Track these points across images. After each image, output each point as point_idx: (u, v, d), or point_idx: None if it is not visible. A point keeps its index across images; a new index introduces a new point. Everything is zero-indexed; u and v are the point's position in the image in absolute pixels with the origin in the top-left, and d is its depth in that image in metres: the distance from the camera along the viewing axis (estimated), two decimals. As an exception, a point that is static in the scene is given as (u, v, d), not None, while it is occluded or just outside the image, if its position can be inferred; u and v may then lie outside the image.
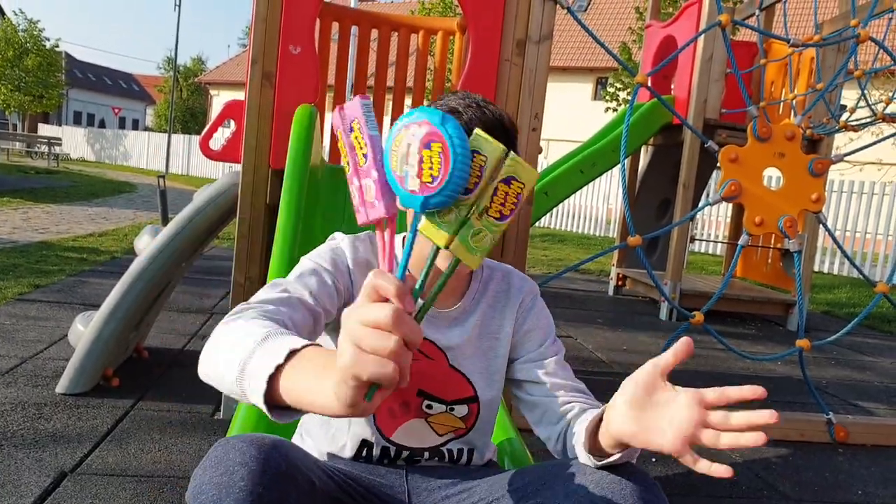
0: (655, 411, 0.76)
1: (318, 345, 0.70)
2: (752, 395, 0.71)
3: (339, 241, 1.07)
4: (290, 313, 0.87)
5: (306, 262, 1.01)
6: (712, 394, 0.73)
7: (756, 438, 0.69)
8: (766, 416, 0.69)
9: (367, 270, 1.04)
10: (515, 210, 0.62)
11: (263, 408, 0.67)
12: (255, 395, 0.67)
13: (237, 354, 0.71)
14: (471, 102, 0.97)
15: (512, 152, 0.64)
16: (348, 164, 0.64)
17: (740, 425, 0.70)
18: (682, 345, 0.74)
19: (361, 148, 0.62)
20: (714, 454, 2.44)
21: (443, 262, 0.93)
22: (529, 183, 0.62)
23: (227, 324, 0.81)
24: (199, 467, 0.78)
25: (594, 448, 0.88)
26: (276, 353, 0.68)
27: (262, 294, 0.91)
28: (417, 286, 0.61)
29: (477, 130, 0.64)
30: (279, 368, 0.66)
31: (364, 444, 1.05)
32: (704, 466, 0.72)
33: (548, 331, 1.13)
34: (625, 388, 0.80)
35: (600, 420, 0.87)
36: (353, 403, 0.59)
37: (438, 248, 0.65)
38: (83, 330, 2.50)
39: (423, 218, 0.62)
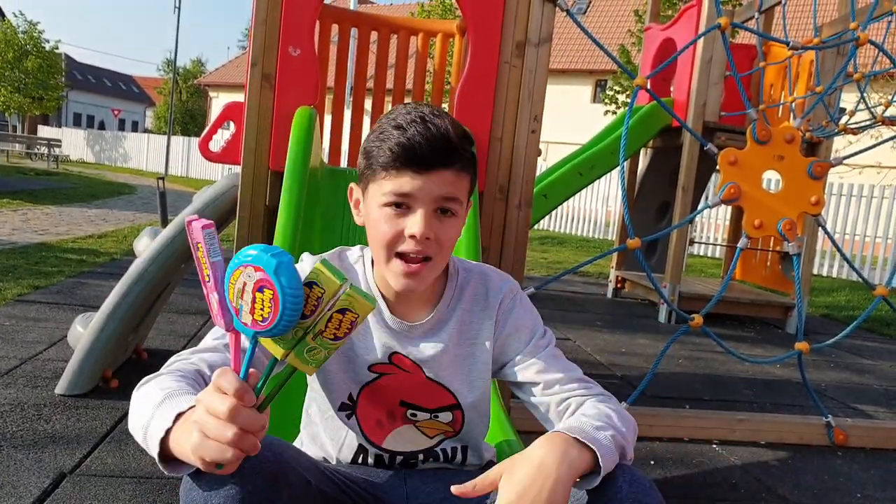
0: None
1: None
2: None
3: (303, 263, 1.04)
4: (216, 360, 0.91)
5: None
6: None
7: None
8: None
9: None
10: (350, 332, 0.68)
11: (160, 465, 0.75)
12: (154, 454, 0.75)
13: (140, 420, 0.79)
14: (416, 117, 0.94)
15: (350, 286, 0.67)
16: (202, 271, 0.70)
17: None
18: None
19: (205, 268, 0.67)
20: (711, 458, 2.45)
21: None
22: (363, 314, 0.67)
23: (143, 385, 0.86)
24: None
25: None
26: (166, 417, 0.75)
27: (203, 341, 0.95)
28: (259, 384, 0.68)
29: (318, 265, 0.69)
30: (168, 431, 0.74)
31: (361, 449, 1.07)
32: None
33: (533, 327, 1.09)
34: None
35: None
36: (206, 470, 0.69)
37: (280, 359, 0.71)
38: (82, 331, 2.49)
39: (270, 340, 0.69)
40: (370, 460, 1.07)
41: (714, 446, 2.58)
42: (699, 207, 4.05)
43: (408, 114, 0.95)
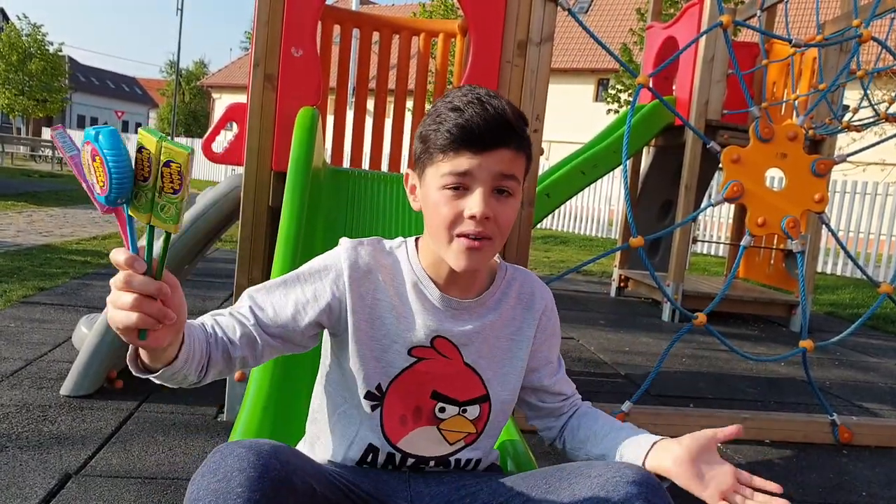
0: (704, 468, 0.97)
1: None
2: (773, 490, 0.93)
3: (341, 247, 1.05)
4: (224, 321, 1.00)
5: (299, 269, 1.05)
6: (745, 475, 0.96)
7: None
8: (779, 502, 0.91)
9: (367, 277, 1.03)
10: (183, 183, 0.75)
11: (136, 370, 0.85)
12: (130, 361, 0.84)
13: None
14: (473, 98, 0.95)
15: (166, 141, 0.73)
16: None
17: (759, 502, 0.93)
18: (736, 429, 1.00)
19: (70, 164, 0.77)
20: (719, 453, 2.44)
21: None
22: (183, 160, 0.74)
23: None
24: (198, 473, 0.79)
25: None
26: None
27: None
28: (146, 255, 0.76)
29: (140, 131, 0.75)
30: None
31: (370, 448, 1.05)
32: None
33: (559, 337, 1.17)
34: (686, 442, 0.99)
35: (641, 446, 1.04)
36: (132, 343, 0.78)
37: (147, 224, 0.79)
38: (87, 332, 2.51)
39: (127, 207, 0.77)
40: (379, 460, 1.05)
41: (718, 445, 2.57)
42: (702, 206, 4.04)
43: (464, 96, 0.96)
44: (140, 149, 0.74)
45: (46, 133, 29.57)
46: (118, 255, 0.75)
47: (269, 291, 1.02)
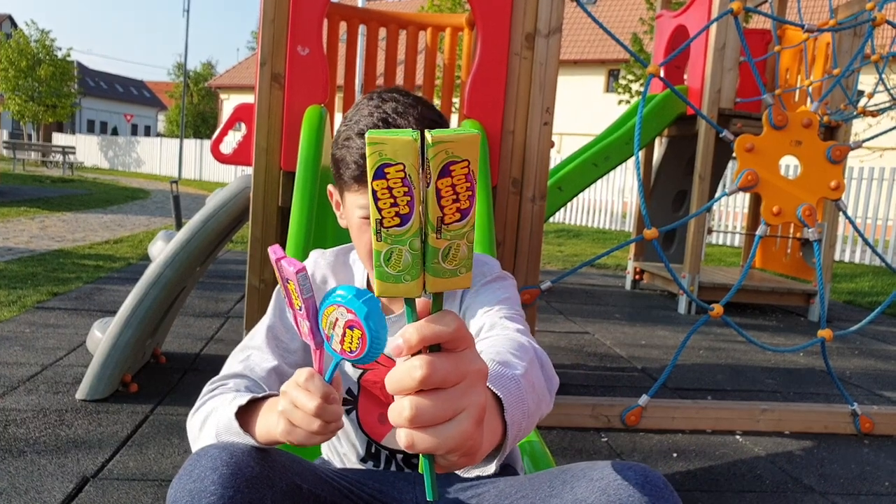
0: None
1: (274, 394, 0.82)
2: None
3: (308, 260, 1.11)
4: (248, 385, 0.96)
5: (274, 297, 1.06)
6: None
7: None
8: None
9: (322, 290, 1.07)
10: (474, 194, 0.47)
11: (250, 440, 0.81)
12: (234, 432, 0.81)
13: (212, 426, 0.86)
14: (378, 120, 0.94)
15: (428, 133, 0.46)
16: (290, 299, 0.74)
17: None
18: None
19: (297, 301, 0.71)
20: (735, 449, 2.41)
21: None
22: (472, 154, 0.45)
23: (199, 409, 0.93)
24: (176, 477, 0.80)
25: None
26: (237, 401, 0.83)
27: (227, 366, 1.01)
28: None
29: (369, 133, 0.46)
30: (241, 408, 0.82)
31: (367, 447, 1.08)
32: None
33: (492, 291, 1.02)
34: None
35: None
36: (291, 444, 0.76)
37: (420, 295, 0.52)
38: (101, 336, 2.51)
39: (378, 283, 0.51)
40: (381, 457, 1.08)
41: (737, 437, 2.54)
42: (717, 196, 4.00)
43: (370, 115, 0.94)
44: (381, 171, 0.45)
45: (57, 138, 29.86)
46: (314, 387, 0.72)
47: (270, 328, 1.04)
